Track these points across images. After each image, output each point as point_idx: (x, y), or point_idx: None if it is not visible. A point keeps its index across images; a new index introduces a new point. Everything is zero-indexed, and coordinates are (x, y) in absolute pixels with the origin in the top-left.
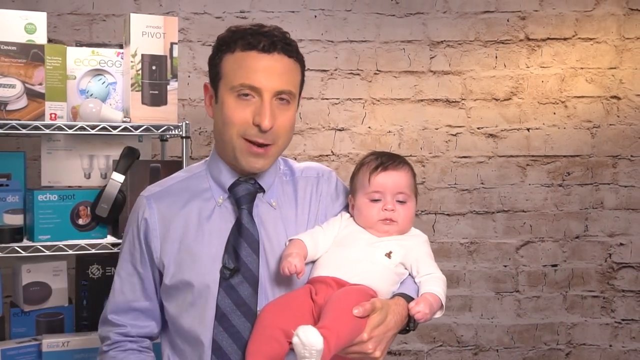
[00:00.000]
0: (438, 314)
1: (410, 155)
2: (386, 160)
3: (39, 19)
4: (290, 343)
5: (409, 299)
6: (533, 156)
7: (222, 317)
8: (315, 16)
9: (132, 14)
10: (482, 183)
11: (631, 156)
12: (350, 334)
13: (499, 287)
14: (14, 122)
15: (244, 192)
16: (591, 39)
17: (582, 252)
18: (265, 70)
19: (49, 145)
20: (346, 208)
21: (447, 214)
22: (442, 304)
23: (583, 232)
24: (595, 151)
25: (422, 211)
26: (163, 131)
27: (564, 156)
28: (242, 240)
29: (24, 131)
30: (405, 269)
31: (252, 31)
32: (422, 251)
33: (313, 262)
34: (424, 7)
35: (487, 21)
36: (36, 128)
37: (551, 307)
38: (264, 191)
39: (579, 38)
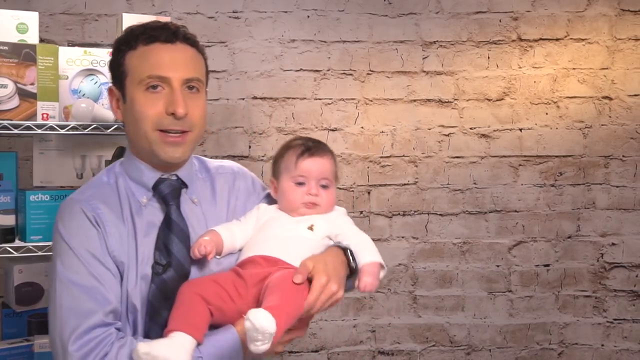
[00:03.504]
0: (382, 275)
1: (403, 156)
2: (313, 146)
3: (31, 18)
4: (211, 312)
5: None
6: (525, 156)
7: (155, 313)
8: (308, 16)
9: (124, 14)
10: (475, 183)
11: (623, 156)
12: (296, 310)
13: (492, 287)
14: (5, 122)
15: (169, 188)
16: (583, 40)
17: (575, 252)
18: (171, 59)
19: (41, 145)
20: (263, 200)
21: (440, 214)
22: (381, 265)
23: (575, 232)
24: (587, 151)
25: (414, 211)
26: None
27: (556, 156)
28: (172, 236)
29: (15, 131)
30: (331, 240)
31: (151, 26)
32: (344, 221)
33: (233, 254)
34: (417, 8)
35: (479, 22)
36: (28, 128)
37: (543, 307)
38: (186, 187)
39: (571, 39)
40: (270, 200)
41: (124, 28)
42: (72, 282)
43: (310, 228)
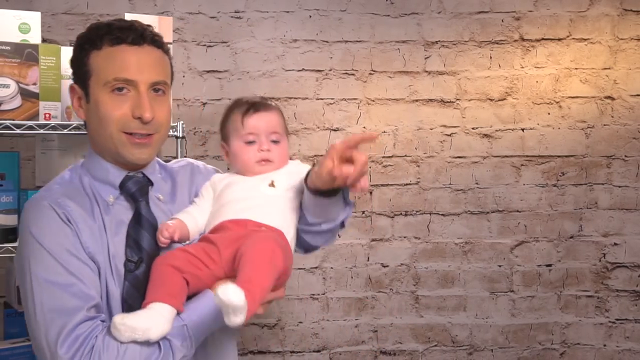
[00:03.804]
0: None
1: (405, 156)
2: (257, 102)
3: (33, 18)
4: (187, 280)
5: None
6: (527, 156)
7: (130, 310)
8: (310, 16)
9: (126, 14)
10: (477, 183)
11: (625, 156)
12: (271, 275)
13: (494, 287)
14: (8, 122)
15: (136, 185)
16: (585, 40)
17: (577, 252)
18: (138, 62)
19: (43, 145)
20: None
21: (442, 214)
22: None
23: (577, 232)
24: (590, 151)
25: (416, 211)
26: None
27: (559, 156)
28: (142, 231)
29: (18, 131)
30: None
31: (117, 26)
32: (304, 168)
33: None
34: (419, 8)
35: (481, 21)
36: (30, 128)
37: (545, 307)
38: (152, 184)
39: (573, 38)
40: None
41: None
42: (50, 282)
43: (272, 184)
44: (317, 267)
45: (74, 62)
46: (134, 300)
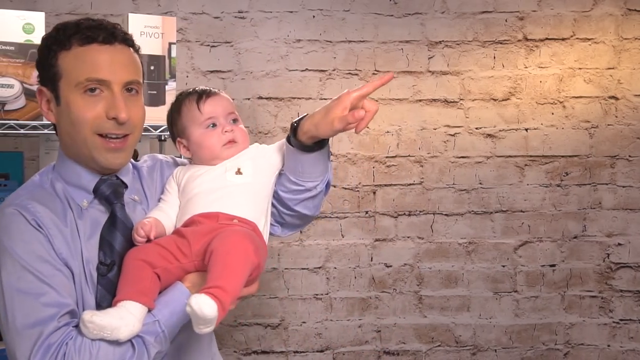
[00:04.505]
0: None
1: (409, 156)
2: (205, 89)
3: (37, 19)
4: (158, 275)
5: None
6: (531, 156)
7: None
8: (314, 16)
9: (130, 14)
10: (481, 183)
11: (629, 156)
12: (243, 275)
13: (497, 287)
14: (12, 122)
15: (110, 189)
16: (589, 39)
17: (580, 252)
18: (110, 61)
19: (47, 145)
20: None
21: (446, 214)
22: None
23: (581, 232)
24: (594, 151)
25: (420, 211)
26: (161, 131)
27: (562, 156)
28: (116, 233)
29: (22, 131)
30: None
31: (86, 25)
32: (266, 149)
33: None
34: (422, 8)
35: (485, 21)
36: (34, 128)
37: (549, 307)
38: (126, 187)
39: (577, 38)
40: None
41: (129, 28)
42: (22, 291)
43: (239, 172)
44: (321, 267)
45: (41, 64)
46: (107, 303)
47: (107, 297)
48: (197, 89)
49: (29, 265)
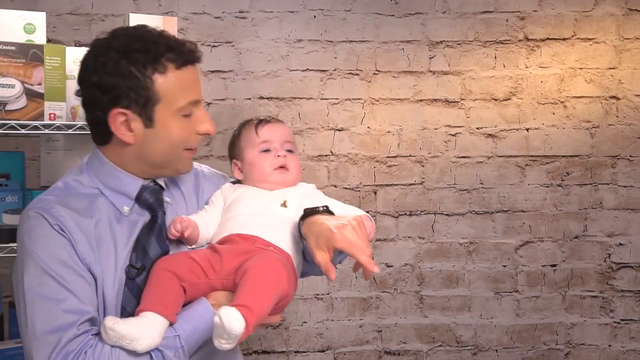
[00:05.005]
0: (373, 231)
1: (410, 156)
2: (267, 117)
3: (38, 19)
4: (184, 288)
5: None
6: (532, 156)
7: (127, 316)
8: (315, 16)
9: (131, 14)
10: (482, 183)
11: (630, 156)
12: (271, 301)
13: (498, 287)
14: (13, 122)
15: (153, 196)
16: (590, 39)
17: (581, 252)
18: (198, 80)
19: (48, 145)
20: (219, 180)
21: (446, 214)
22: (370, 219)
23: (582, 232)
24: (595, 151)
25: (421, 211)
26: None
27: (563, 156)
28: (152, 238)
29: (23, 131)
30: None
31: (170, 44)
32: (317, 194)
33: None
34: (423, 7)
35: (486, 21)
36: (35, 128)
37: (550, 307)
38: (164, 189)
39: (578, 38)
40: (224, 179)
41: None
42: (43, 296)
43: (284, 205)
44: None
45: (133, 85)
46: (132, 307)
47: (131, 301)
48: (261, 116)
49: (50, 270)
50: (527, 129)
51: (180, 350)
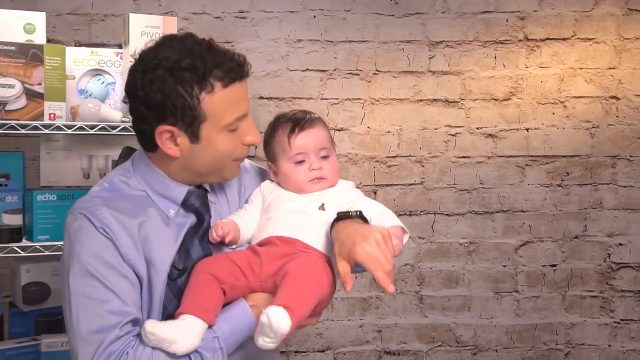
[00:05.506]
0: (405, 239)
1: (410, 156)
2: (300, 119)
3: (38, 19)
4: (224, 290)
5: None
6: (532, 156)
7: (169, 317)
8: (315, 16)
9: (131, 14)
10: (482, 183)
11: (630, 156)
12: (313, 302)
13: (498, 287)
14: (13, 122)
15: (199, 201)
16: (590, 39)
17: (581, 252)
18: (246, 94)
19: (48, 145)
20: (258, 176)
21: (446, 214)
22: (403, 229)
23: (582, 232)
24: (594, 151)
25: (421, 211)
26: None
27: (563, 156)
28: (195, 240)
29: (23, 131)
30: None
31: (218, 61)
32: (354, 193)
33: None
34: (423, 7)
35: (486, 21)
36: (35, 128)
37: (550, 307)
38: (208, 191)
39: (578, 38)
40: (265, 174)
41: (130, 28)
42: (87, 296)
43: (322, 207)
44: None
45: (181, 105)
46: (173, 307)
47: (172, 301)
48: (296, 115)
49: (95, 271)
50: (527, 129)
51: (219, 351)
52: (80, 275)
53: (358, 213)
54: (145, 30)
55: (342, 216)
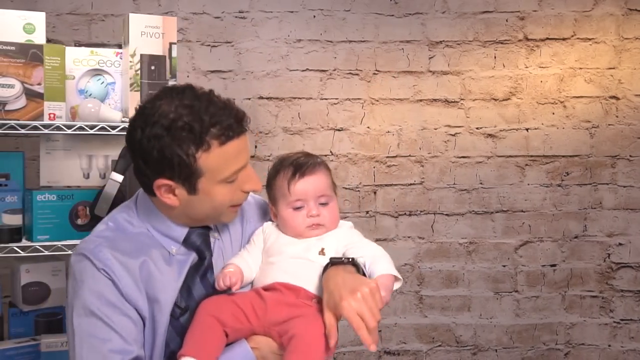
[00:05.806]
0: (396, 286)
1: (409, 155)
2: (302, 164)
3: (38, 19)
4: (226, 333)
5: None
6: (532, 156)
7: (172, 356)
8: (314, 16)
9: (130, 14)
10: (481, 183)
11: (630, 156)
12: None
13: (498, 287)
14: (12, 122)
15: (200, 238)
16: (590, 39)
17: (581, 252)
18: (245, 147)
19: (47, 145)
20: (259, 212)
21: (446, 214)
22: (394, 277)
23: (582, 232)
24: (594, 151)
25: (420, 211)
26: None
27: (563, 156)
28: (197, 279)
29: (22, 131)
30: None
31: (215, 120)
32: (352, 235)
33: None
34: (423, 7)
35: (486, 21)
36: (35, 128)
37: (550, 307)
38: (210, 229)
39: (578, 38)
40: (267, 208)
41: (130, 28)
42: (90, 335)
43: (322, 252)
44: None
45: (176, 161)
46: (175, 345)
47: (175, 339)
48: (299, 159)
49: (97, 310)
50: (527, 129)
51: None
52: (84, 315)
53: (350, 260)
54: (145, 30)
55: (334, 262)
